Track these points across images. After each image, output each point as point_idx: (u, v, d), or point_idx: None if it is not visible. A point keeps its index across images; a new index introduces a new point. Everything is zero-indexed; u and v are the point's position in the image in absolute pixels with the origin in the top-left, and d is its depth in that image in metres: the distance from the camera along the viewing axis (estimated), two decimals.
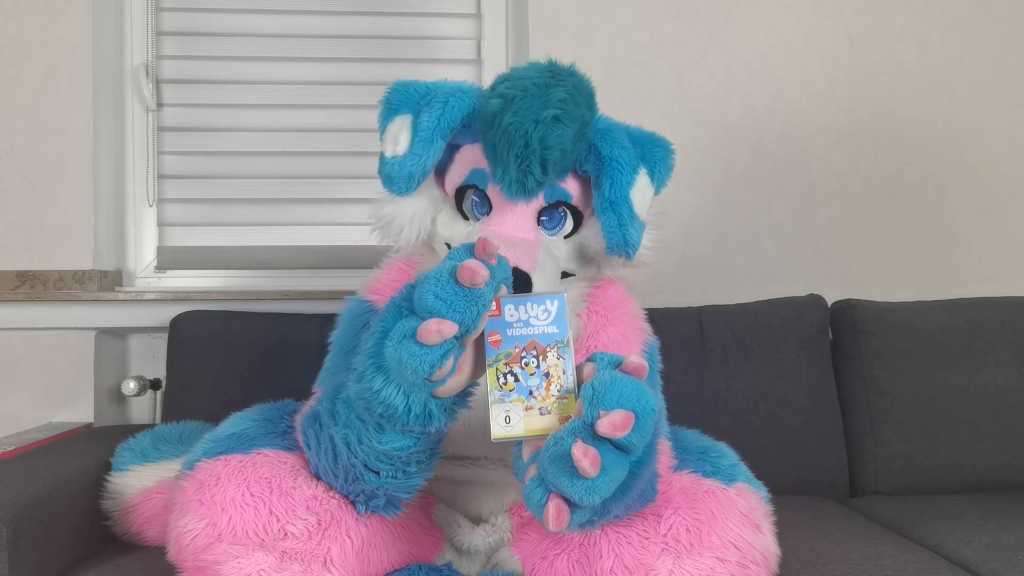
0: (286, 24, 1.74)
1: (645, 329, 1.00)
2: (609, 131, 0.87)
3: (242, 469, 0.79)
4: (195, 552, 0.77)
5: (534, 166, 0.79)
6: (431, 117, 0.85)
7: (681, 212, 1.71)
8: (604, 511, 0.70)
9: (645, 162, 0.89)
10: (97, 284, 1.57)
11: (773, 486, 0.93)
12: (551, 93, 0.79)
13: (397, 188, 0.87)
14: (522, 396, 0.70)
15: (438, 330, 0.62)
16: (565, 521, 0.66)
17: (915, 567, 1.01)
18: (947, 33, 1.76)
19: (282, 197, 1.74)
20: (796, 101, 1.73)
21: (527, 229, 0.86)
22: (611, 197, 0.85)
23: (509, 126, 0.79)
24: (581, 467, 0.62)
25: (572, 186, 0.89)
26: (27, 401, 1.56)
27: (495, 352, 0.70)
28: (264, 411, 0.93)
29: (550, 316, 0.71)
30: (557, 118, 0.78)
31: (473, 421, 0.93)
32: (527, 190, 0.81)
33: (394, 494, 0.80)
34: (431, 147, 0.85)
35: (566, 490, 0.64)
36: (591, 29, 1.69)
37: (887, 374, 1.44)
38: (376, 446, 0.74)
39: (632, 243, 0.86)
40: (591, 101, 0.85)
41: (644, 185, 0.88)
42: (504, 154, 0.80)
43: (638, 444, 0.66)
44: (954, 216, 1.76)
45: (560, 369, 0.70)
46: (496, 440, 0.69)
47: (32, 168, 1.57)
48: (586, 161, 0.87)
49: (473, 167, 0.89)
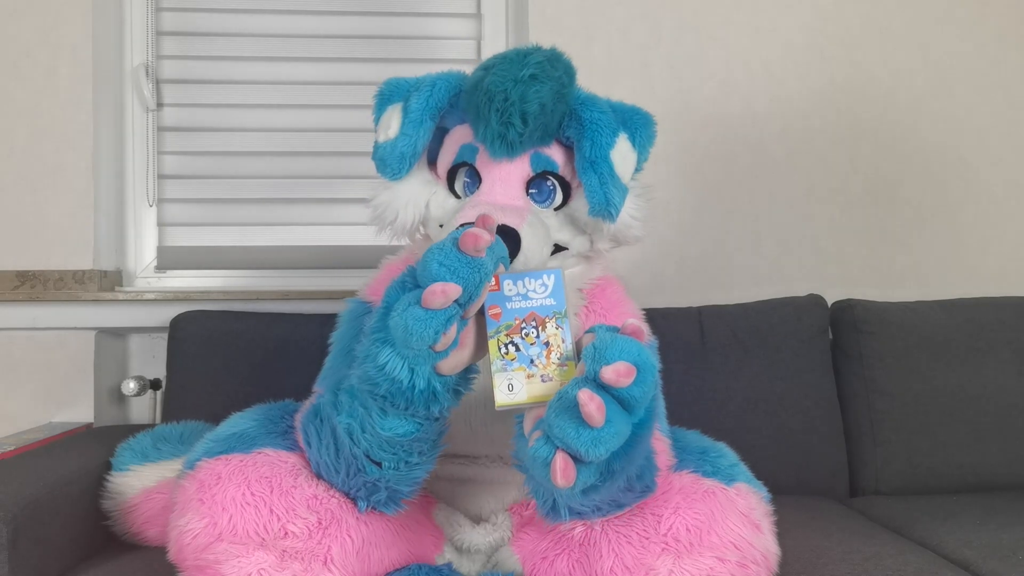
0: (286, 24, 1.74)
1: (644, 329, 1.00)
2: (590, 100, 0.90)
3: (243, 468, 0.79)
4: (196, 551, 0.77)
5: (514, 118, 0.83)
6: (419, 99, 0.89)
7: (681, 212, 1.72)
8: (609, 472, 0.70)
9: (626, 128, 0.91)
10: (97, 284, 1.57)
11: (773, 486, 0.93)
12: (528, 58, 0.84)
13: (391, 170, 0.90)
14: (524, 365, 0.72)
15: (443, 291, 0.65)
16: (572, 475, 0.66)
17: (915, 567, 1.01)
18: (947, 33, 1.76)
19: (282, 197, 1.74)
20: (796, 101, 1.73)
21: (515, 197, 0.89)
22: (591, 157, 0.87)
23: (490, 85, 0.83)
24: (587, 412, 0.64)
25: (557, 155, 0.91)
26: (27, 401, 1.56)
27: (496, 324, 0.73)
28: (265, 411, 0.94)
29: (547, 289, 0.73)
30: (534, 76, 0.82)
31: (474, 419, 0.93)
32: (509, 143, 0.84)
33: (395, 487, 0.80)
34: (421, 128, 0.89)
35: (572, 441, 0.65)
36: (591, 29, 1.69)
37: (887, 374, 1.44)
38: (380, 432, 0.74)
39: (613, 203, 0.87)
40: (569, 69, 0.88)
41: (625, 149, 0.90)
42: (485, 111, 0.83)
43: (640, 399, 0.67)
44: (954, 216, 1.76)
45: (559, 338, 0.72)
46: (500, 407, 0.72)
47: (32, 168, 1.57)
48: (568, 127, 0.89)
49: (462, 144, 0.92)
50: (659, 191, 1.70)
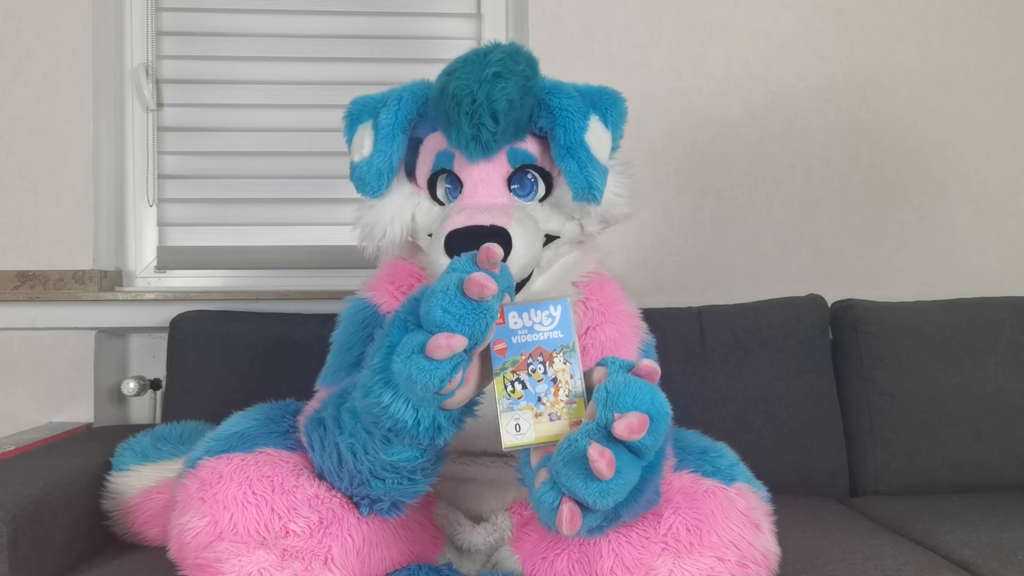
0: (286, 24, 1.74)
1: (641, 327, 1.01)
2: (556, 87, 0.91)
3: (244, 467, 0.79)
4: (196, 550, 0.77)
5: (485, 118, 0.83)
6: (388, 114, 0.90)
7: (681, 212, 1.72)
8: (615, 516, 0.70)
9: (596, 109, 0.91)
10: (97, 284, 1.57)
11: (773, 486, 0.92)
12: (489, 57, 0.84)
13: (370, 188, 0.91)
14: (531, 403, 0.69)
15: (448, 345, 0.62)
16: (578, 524, 0.65)
17: (915, 567, 1.01)
18: (947, 33, 1.76)
19: (282, 197, 1.74)
20: (796, 101, 1.73)
21: (499, 196, 0.89)
22: (566, 143, 0.87)
23: (455, 89, 0.83)
24: (597, 468, 0.62)
25: (533, 147, 0.91)
26: (27, 401, 1.56)
27: (501, 360, 0.70)
28: (266, 410, 0.94)
29: (554, 321, 0.71)
30: (498, 74, 0.83)
31: (477, 420, 0.93)
32: (483, 144, 0.85)
33: (399, 499, 0.80)
34: (394, 142, 0.90)
35: (580, 492, 0.64)
36: (591, 29, 1.69)
37: (887, 374, 1.44)
38: (383, 457, 0.74)
39: (596, 186, 0.87)
40: (531, 61, 0.88)
41: (599, 131, 0.90)
42: (455, 116, 0.84)
43: (651, 447, 0.66)
44: (954, 216, 1.76)
45: (567, 374, 0.70)
46: (507, 449, 0.69)
47: (32, 168, 1.57)
48: (539, 118, 0.90)
49: (437, 151, 0.92)
50: (659, 191, 1.71)
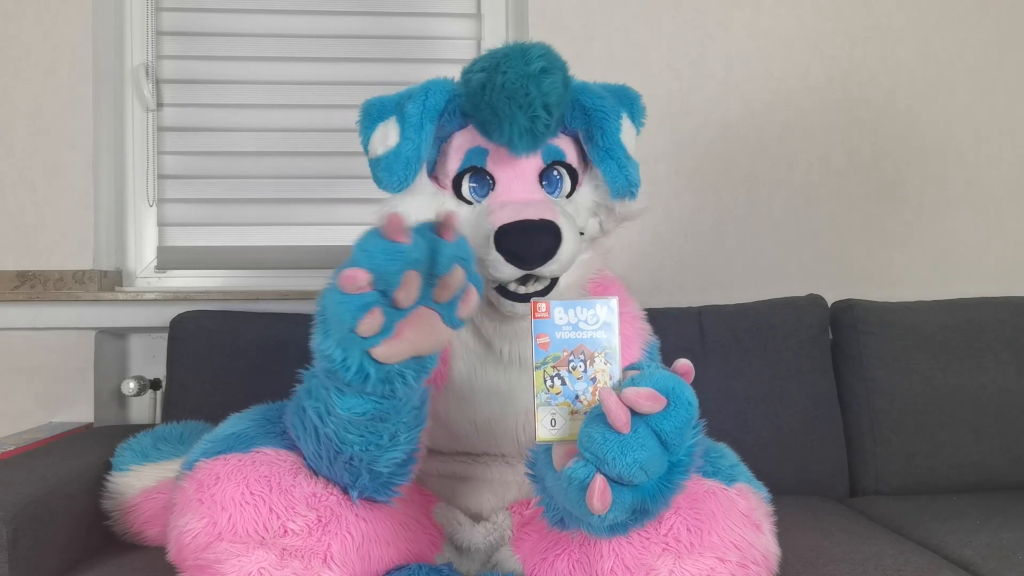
0: (286, 24, 1.74)
1: (646, 329, 1.01)
2: (584, 87, 0.93)
3: (241, 468, 0.79)
4: (195, 551, 0.77)
5: (539, 110, 0.84)
6: (416, 105, 0.89)
7: (681, 212, 1.71)
8: (643, 512, 0.69)
9: (623, 107, 0.95)
10: (97, 284, 1.57)
11: (773, 486, 0.92)
12: (530, 52, 0.85)
13: (397, 178, 0.89)
14: (568, 400, 0.70)
15: (351, 276, 0.62)
16: (609, 499, 0.65)
17: (915, 567, 1.01)
18: (947, 33, 1.76)
19: (282, 197, 1.74)
20: (796, 101, 1.73)
21: (533, 192, 0.90)
22: (606, 145, 0.90)
23: (506, 83, 0.84)
24: (609, 409, 0.63)
25: (564, 144, 0.94)
26: (27, 401, 1.56)
27: (543, 354, 0.70)
28: (263, 411, 0.93)
29: (599, 321, 0.70)
30: (544, 69, 0.84)
31: (478, 417, 0.93)
32: (537, 135, 0.86)
33: (374, 468, 0.78)
34: (422, 131, 0.89)
35: (599, 447, 0.64)
36: (591, 29, 1.69)
37: (887, 374, 1.44)
38: (339, 412, 0.73)
39: (634, 182, 0.91)
40: (563, 62, 0.90)
41: (628, 128, 0.94)
42: (507, 109, 0.84)
43: (671, 434, 0.65)
44: (954, 216, 1.76)
45: (607, 375, 0.70)
46: (540, 442, 0.70)
47: (32, 168, 1.57)
48: (572, 119, 0.92)
49: (467, 149, 0.92)
50: (659, 191, 1.71)
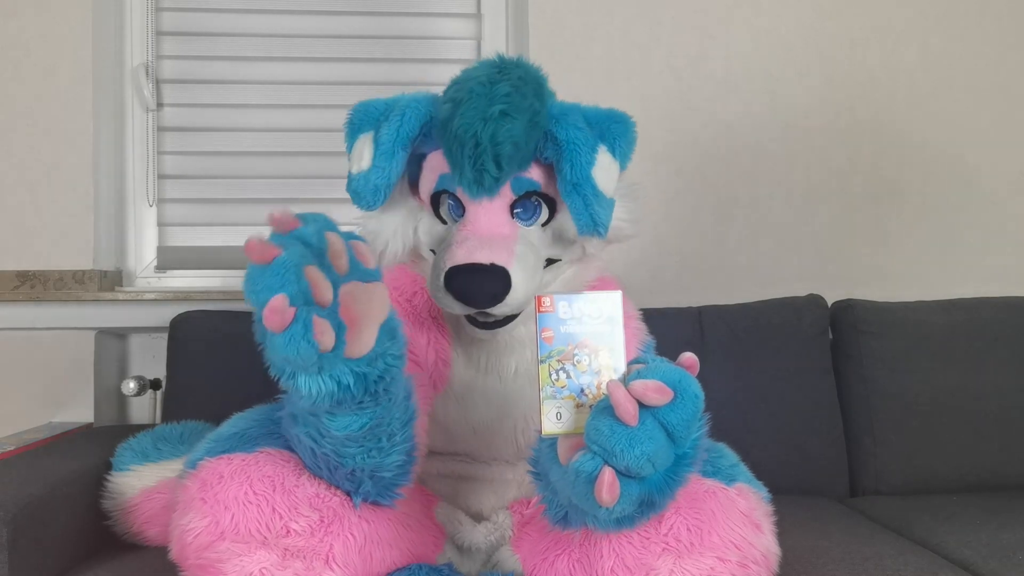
0: (286, 24, 1.74)
1: (641, 328, 1.02)
2: (564, 115, 0.87)
3: (245, 467, 0.79)
4: (197, 550, 0.76)
5: (488, 163, 0.82)
6: (390, 130, 0.87)
7: (682, 212, 1.71)
8: (649, 504, 0.69)
9: (604, 140, 0.88)
10: (97, 284, 1.57)
11: (773, 486, 0.92)
12: (496, 89, 0.82)
13: (365, 202, 0.88)
14: (573, 393, 0.70)
15: (275, 312, 0.60)
16: (617, 491, 0.65)
17: (915, 567, 1.01)
18: (947, 33, 1.76)
19: (282, 197, 1.74)
20: (796, 101, 1.73)
21: (502, 224, 0.88)
22: (573, 179, 0.85)
23: (458, 128, 0.81)
24: (617, 402, 0.63)
25: (538, 174, 0.90)
26: (27, 401, 1.56)
27: (548, 348, 0.71)
28: (266, 411, 0.93)
29: (603, 315, 0.71)
30: (504, 112, 0.81)
31: (476, 420, 0.93)
32: (485, 188, 0.84)
33: (378, 474, 0.78)
34: (392, 159, 0.87)
35: (607, 440, 0.64)
36: (591, 29, 1.69)
37: (887, 374, 1.44)
38: (335, 434, 0.73)
39: (601, 222, 0.85)
40: (540, 90, 0.86)
41: (606, 163, 0.88)
42: (458, 156, 0.83)
43: (677, 426, 0.65)
44: (954, 216, 1.76)
45: (612, 368, 0.70)
46: (547, 435, 0.70)
47: (32, 168, 1.57)
48: (545, 148, 0.87)
49: (440, 173, 0.90)
50: (659, 191, 1.71)
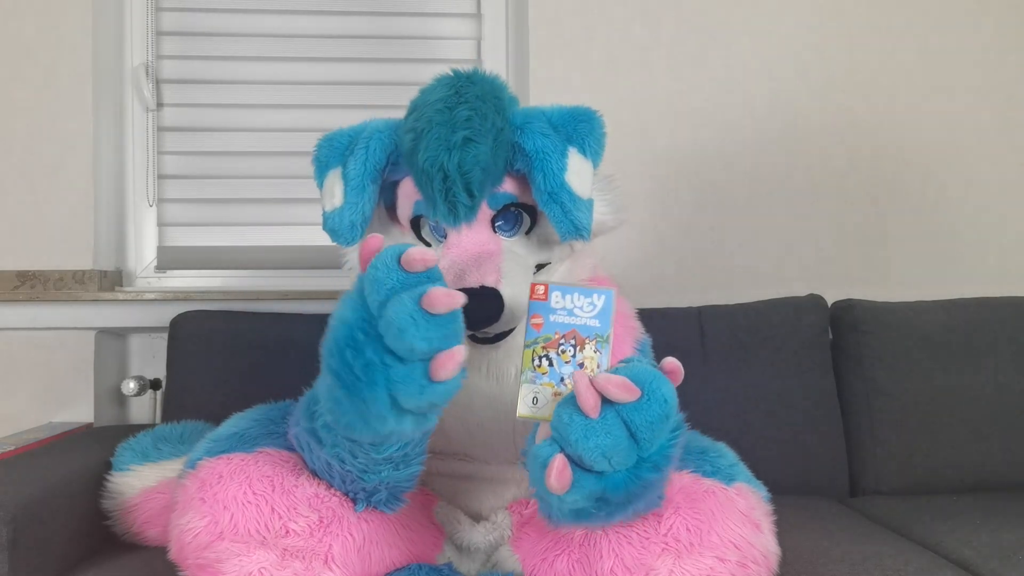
0: (286, 24, 1.74)
1: (636, 327, 1.01)
2: (527, 123, 0.86)
3: (244, 467, 0.79)
4: (197, 550, 0.77)
5: (459, 194, 0.81)
6: (356, 164, 0.87)
7: (681, 212, 1.71)
8: (604, 502, 0.69)
9: (572, 142, 0.87)
10: (97, 284, 1.57)
11: (773, 486, 0.92)
12: (456, 115, 0.81)
13: (344, 239, 0.88)
14: (553, 381, 0.71)
15: (452, 364, 0.65)
16: (567, 480, 0.66)
17: (915, 567, 1.01)
18: (947, 33, 1.76)
19: (282, 197, 1.74)
20: (796, 101, 1.73)
21: (486, 241, 0.87)
22: (548, 189, 0.84)
23: (424, 162, 0.81)
24: (580, 392, 0.64)
25: (512, 186, 0.89)
26: (27, 401, 1.56)
27: (535, 334, 0.72)
28: (265, 411, 0.94)
29: (595, 309, 0.72)
30: (468, 139, 0.80)
31: (471, 422, 0.93)
32: (461, 216, 0.83)
33: (395, 485, 0.80)
34: (363, 194, 0.87)
35: (565, 428, 0.66)
36: (591, 29, 1.69)
37: (887, 374, 1.44)
38: (374, 456, 0.75)
39: (582, 226, 0.84)
40: (499, 104, 0.85)
41: (578, 165, 0.86)
42: (428, 190, 0.82)
43: (641, 428, 0.66)
44: (954, 216, 1.76)
45: (595, 362, 0.71)
46: (521, 418, 0.71)
47: (32, 168, 1.57)
48: (515, 160, 0.86)
49: (415, 199, 0.90)
50: (659, 190, 1.71)
